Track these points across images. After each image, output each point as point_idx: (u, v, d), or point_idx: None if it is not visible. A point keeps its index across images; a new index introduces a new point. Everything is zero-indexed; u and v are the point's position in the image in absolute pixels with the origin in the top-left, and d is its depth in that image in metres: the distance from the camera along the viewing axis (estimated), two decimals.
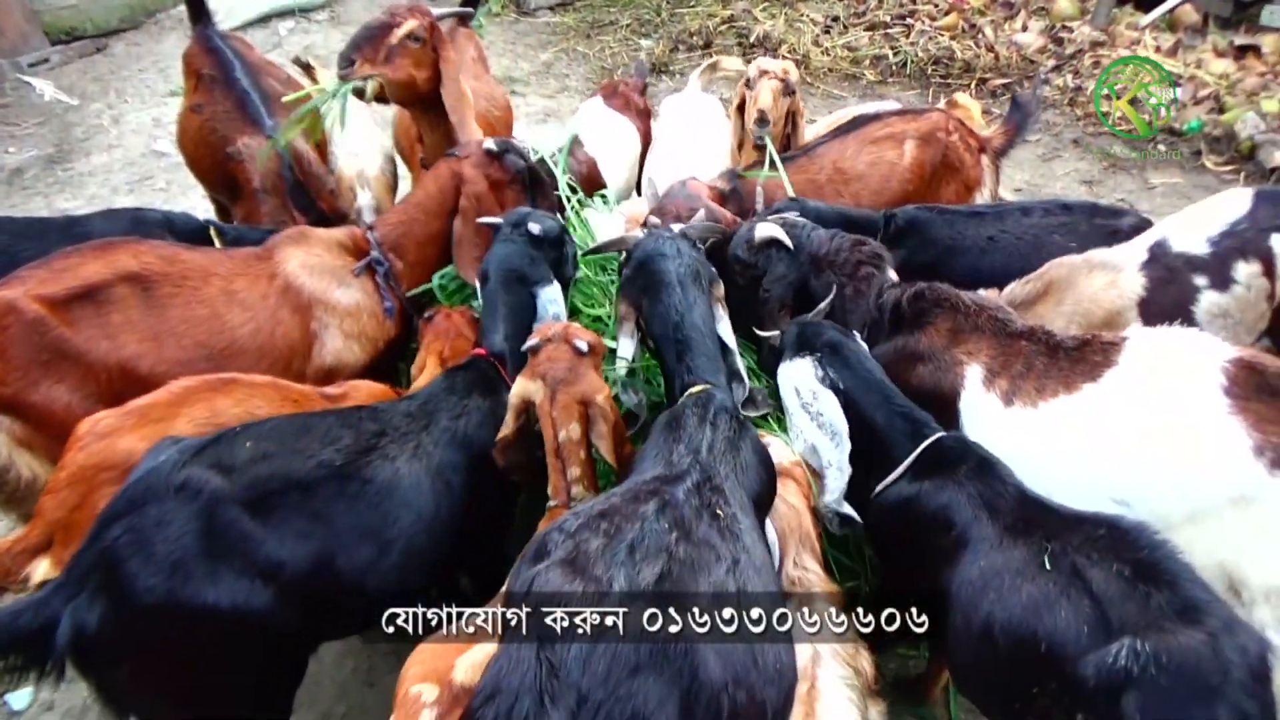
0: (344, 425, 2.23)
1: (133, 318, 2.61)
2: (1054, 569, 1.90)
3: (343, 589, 2.11)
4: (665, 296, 2.52)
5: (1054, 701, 1.80)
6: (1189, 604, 1.74)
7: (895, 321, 2.75)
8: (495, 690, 1.44)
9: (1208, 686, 1.62)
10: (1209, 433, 2.14)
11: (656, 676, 1.44)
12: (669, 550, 1.60)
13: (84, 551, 1.88)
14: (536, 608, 1.49)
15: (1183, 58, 7.30)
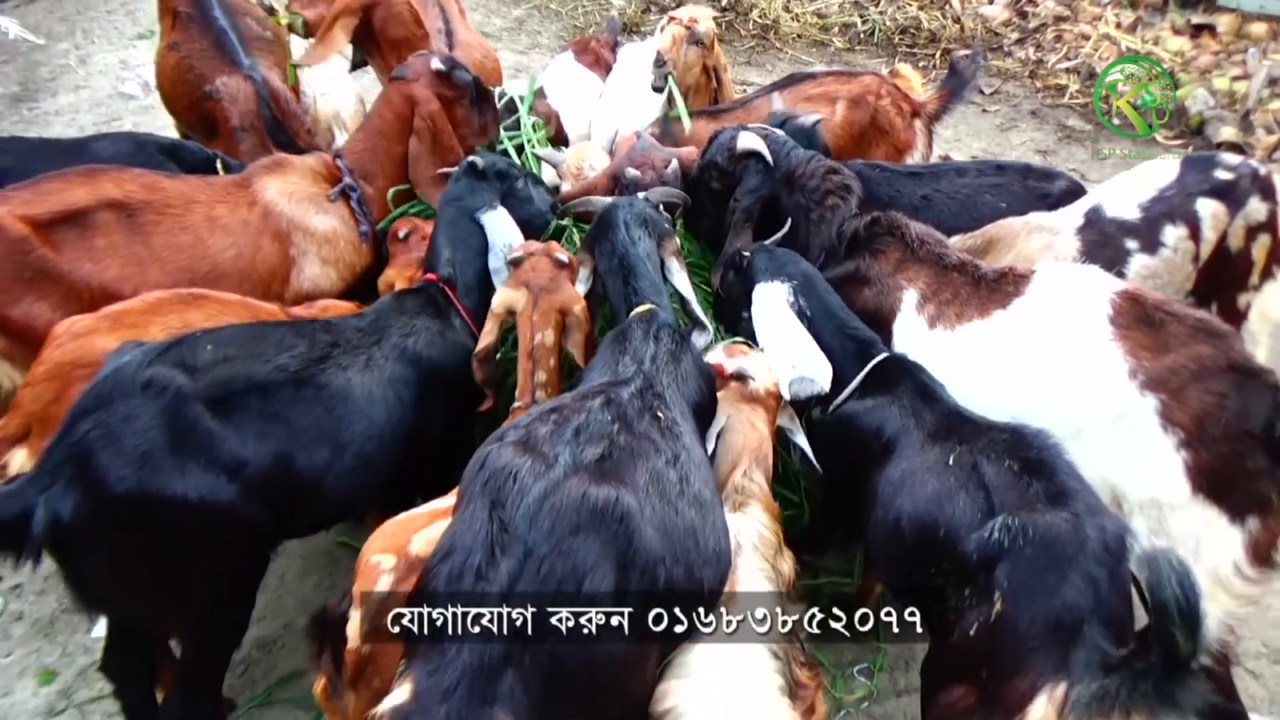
0: (298, 335, 2.36)
1: (116, 242, 2.71)
2: (958, 467, 2.13)
3: (303, 488, 2.24)
4: (612, 235, 2.71)
5: (947, 579, 2.03)
6: (1060, 491, 1.98)
7: (851, 246, 2.94)
8: (451, 547, 1.61)
9: (1065, 557, 1.85)
10: (1093, 357, 2.34)
11: (594, 537, 1.60)
12: (610, 437, 1.77)
13: (56, 445, 1.99)
14: (489, 477, 1.63)
15: (1141, 34, 7.49)
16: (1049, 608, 1.84)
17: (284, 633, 3.06)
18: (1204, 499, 2.21)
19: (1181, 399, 2.23)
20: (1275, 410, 2.18)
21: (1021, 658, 1.83)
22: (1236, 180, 3.08)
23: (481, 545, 1.57)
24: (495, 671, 1.49)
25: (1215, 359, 2.25)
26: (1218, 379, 2.23)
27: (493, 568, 1.55)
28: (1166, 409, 2.23)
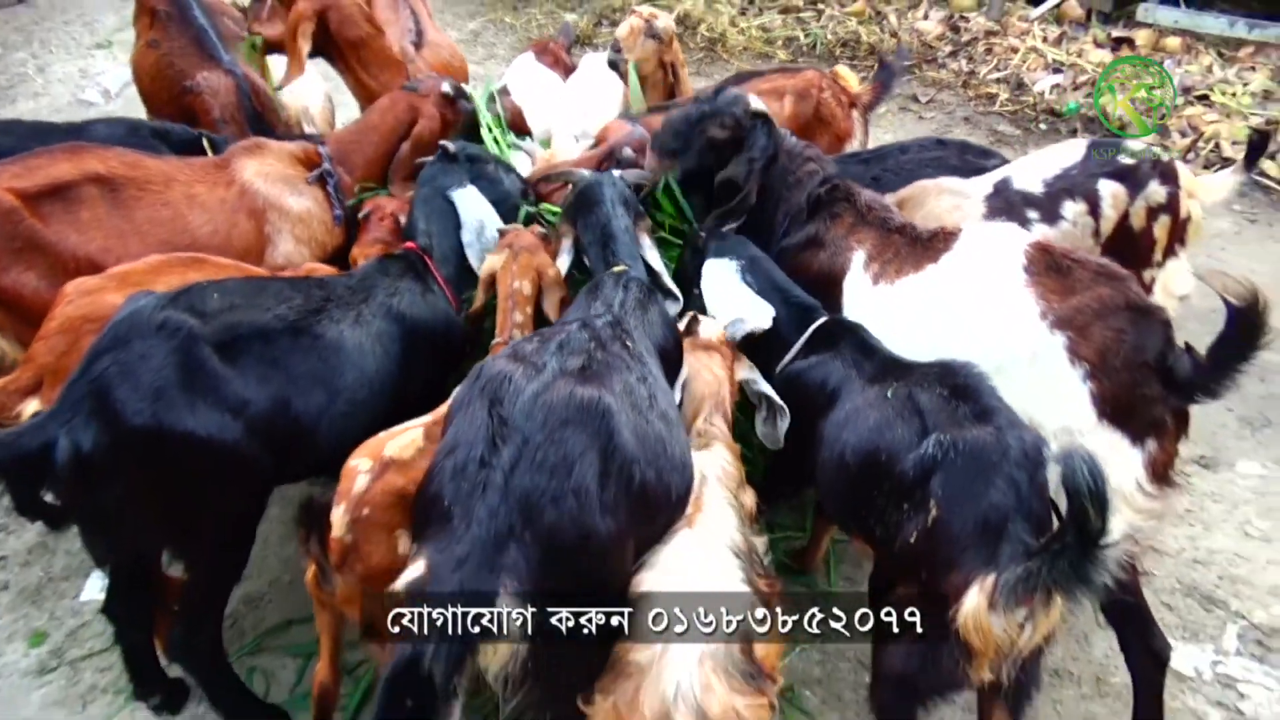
0: (294, 289, 2.55)
1: (100, 215, 2.86)
2: (895, 398, 2.38)
3: (299, 429, 2.41)
4: (597, 210, 2.96)
5: (888, 499, 2.26)
6: (984, 409, 2.24)
7: (812, 210, 3.18)
8: (455, 442, 1.82)
9: (990, 464, 2.09)
10: (1009, 300, 2.60)
11: (581, 429, 1.83)
12: (589, 352, 2.01)
13: (76, 381, 2.14)
14: (486, 382, 1.85)
15: (1066, 47, 7.95)
16: (978, 510, 2.07)
17: (269, 589, 3.20)
18: (1108, 424, 2.44)
19: (1086, 335, 2.49)
20: (1167, 343, 2.45)
21: (955, 555, 2.06)
22: (1138, 164, 3.41)
23: (483, 438, 1.79)
24: (500, 544, 1.70)
25: (1114, 298, 2.51)
26: (1117, 316, 2.49)
27: (495, 455, 1.76)
28: (1073, 344, 2.49)
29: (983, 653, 2.00)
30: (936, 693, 2.27)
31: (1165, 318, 2.51)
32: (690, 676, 1.86)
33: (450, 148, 3.25)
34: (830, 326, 2.83)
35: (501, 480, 1.73)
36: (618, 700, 1.89)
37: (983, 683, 2.15)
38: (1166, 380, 2.43)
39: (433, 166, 3.22)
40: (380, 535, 2.09)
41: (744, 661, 1.93)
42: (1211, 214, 5.91)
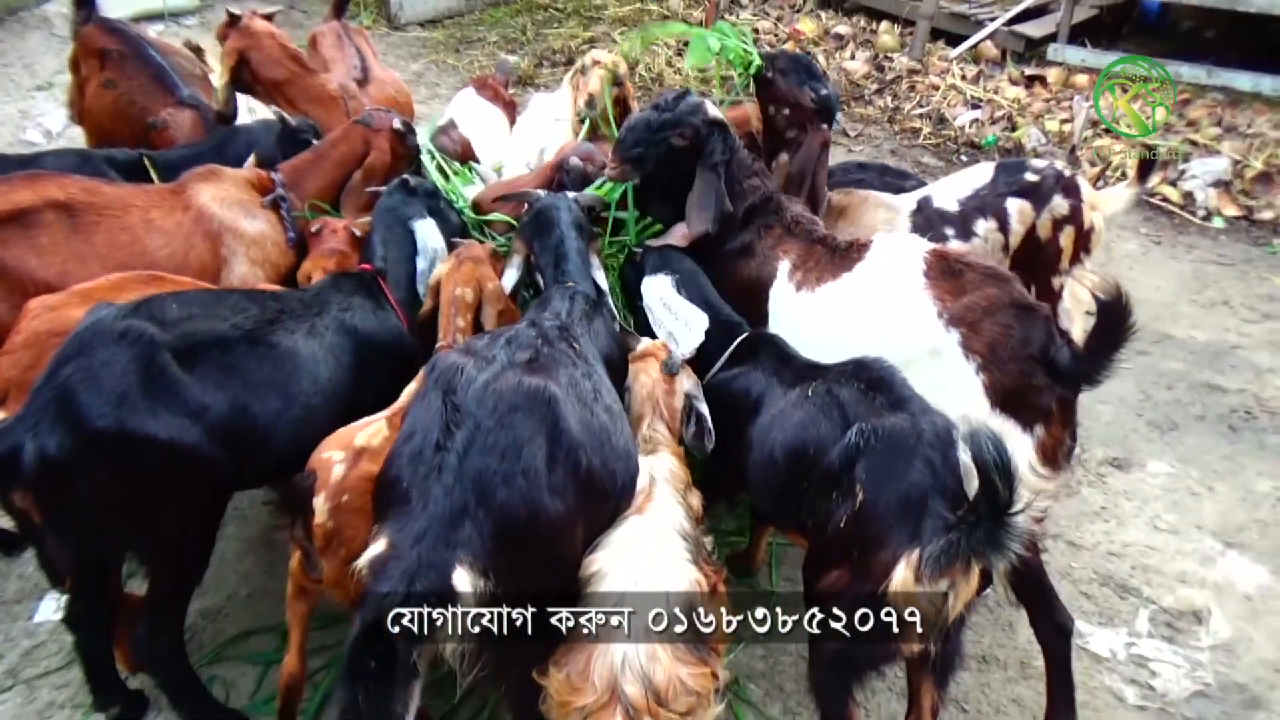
0: (250, 300, 2.67)
1: (59, 240, 2.95)
2: (815, 396, 2.57)
3: (256, 433, 2.51)
4: (552, 231, 3.08)
5: (818, 489, 2.43)
6: (898, 399, 2.44)
7: (745, 218, 3.34)
8: (412, 429, 1.98)
9: (907, 447, 2.28)
10: (911, 302, 2.82)
11: (529, 415, 1.98)
12: (536, 347, 2.17)
13: (41, 388, 2.24)
14: (440, 374, 2.00)
15: (983, 85, 8.41)
16: (899, 490, 2.25)
17: (226, 603, 3.27)
18: (1000, 413, 2.63)
19: (977, 331, 2.68)
20: (1049, 337, 2.67)
21: (882, 534, 2.23)
22: (1041, 181, 3.72)
23: (438, 424, 1.94)
24: (456, 521, 1.83)
25: (1001, 297, 2.71)
26: (1003, 313, 2.68)
27: (449, 439, 1.91)
28: (966, 340, 2.69)
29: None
30: (870, 666, 2.44)
31: (1047, 313, 2.74)
32: (637, 647, 2.00)
33: (410, 182, 3.43)
34: (752, 340, 3.02)
35: (456, 462, 1.87)
36: (570, 671, 2.02)
37: (912, 653, 2.33)
38: (1051, 371, 2.63)
39: (393, 196, 3.37)
40: (359, 519, 2.22)
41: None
42: (1119, 238, 6.36)
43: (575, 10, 9.93)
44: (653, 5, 10.07)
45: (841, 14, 10.04)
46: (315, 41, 5.01)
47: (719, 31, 4.25)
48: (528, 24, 9.53)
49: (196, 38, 8.31)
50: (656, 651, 2.02)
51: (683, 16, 9.82)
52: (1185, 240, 6.44)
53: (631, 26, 9.54)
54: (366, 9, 9.35)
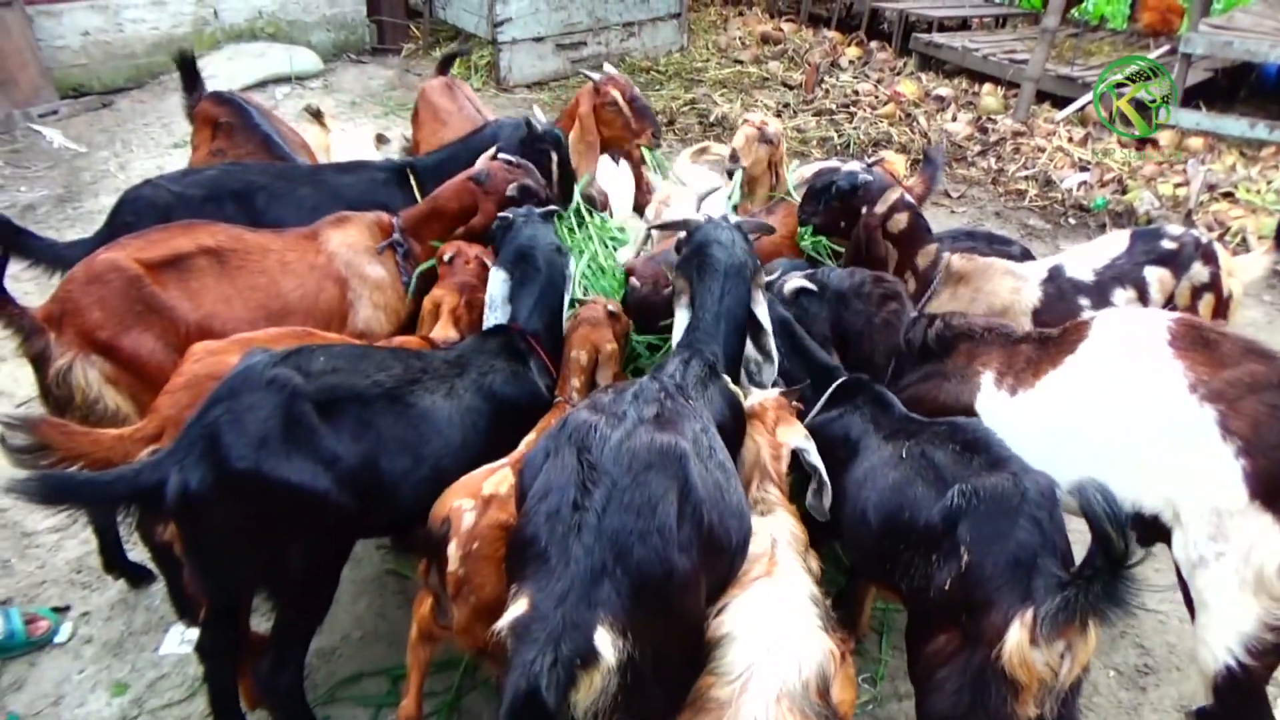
0: (395, 359, 2.74)
1: (209, 284, 3.13)
2: (910, 457, 2.52)
3: (383, 488, 2.58)
4: (708, 280, 2.83)
5: (915, 551, 2.37)
6: (996, 459, 2.38)
7: (924, 352, 3.19)
8: (547, 488, 1.99)
9: (1012, 507, 2.22)
10: (1155, 376, 2.61)
11: (662, 473, 1.99)
12: (660, 401, 2.19)
13: (192, 425, 2.36)
14: (573, 432, 2.05)
15: (1091, 147, 8.27)
16: (1007, 550, 2.18)
17: (341, 644, 3.34)
18: (1260, 505, 2.39)
19: (1238, 410, 2.43)
20: None
21: (992, 595, 2.16)
22: (1181, 248, 3.59)
23: (574, 483, 1.95)
24: (596, 580, 1.84)
25: (1268, 375, 2.46)
26: (1271, 392, 2.43)
27: (587, 498, 1.92)
28: (1225, 419, 2.43)
29: (1027, 687, 2.10)
30: None
31: None
32: (767, 713, 1.97)
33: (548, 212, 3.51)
34: (849, 385, 2.99)
35: (595, 521, 1.89)
36: None
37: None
38: None
39: (539, 228, 3.35)
40: (490, 567, 2.27)
41: (820, 704, 2.04)
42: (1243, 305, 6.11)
43: (676, 73, 10.15)
44: (752, 69, 10.24)
45: (942, 76, 10.04)
46: (425, 94, 5.28)
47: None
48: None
49: (319, 99, 8.84)
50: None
51: (782, 79, 9.95)
52: None
53: (732, 89, 9.70)
54: (477, 72, 9.73)
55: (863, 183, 3.85)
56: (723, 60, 10.60)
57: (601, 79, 4.78)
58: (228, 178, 3.78)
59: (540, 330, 3.13)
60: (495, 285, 3.22)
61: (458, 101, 5.15)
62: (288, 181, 3.86)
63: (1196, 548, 2.50)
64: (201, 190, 3.67)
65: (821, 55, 10.44)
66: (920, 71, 10.18)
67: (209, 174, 3.80)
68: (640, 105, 4.75)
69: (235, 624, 2.70)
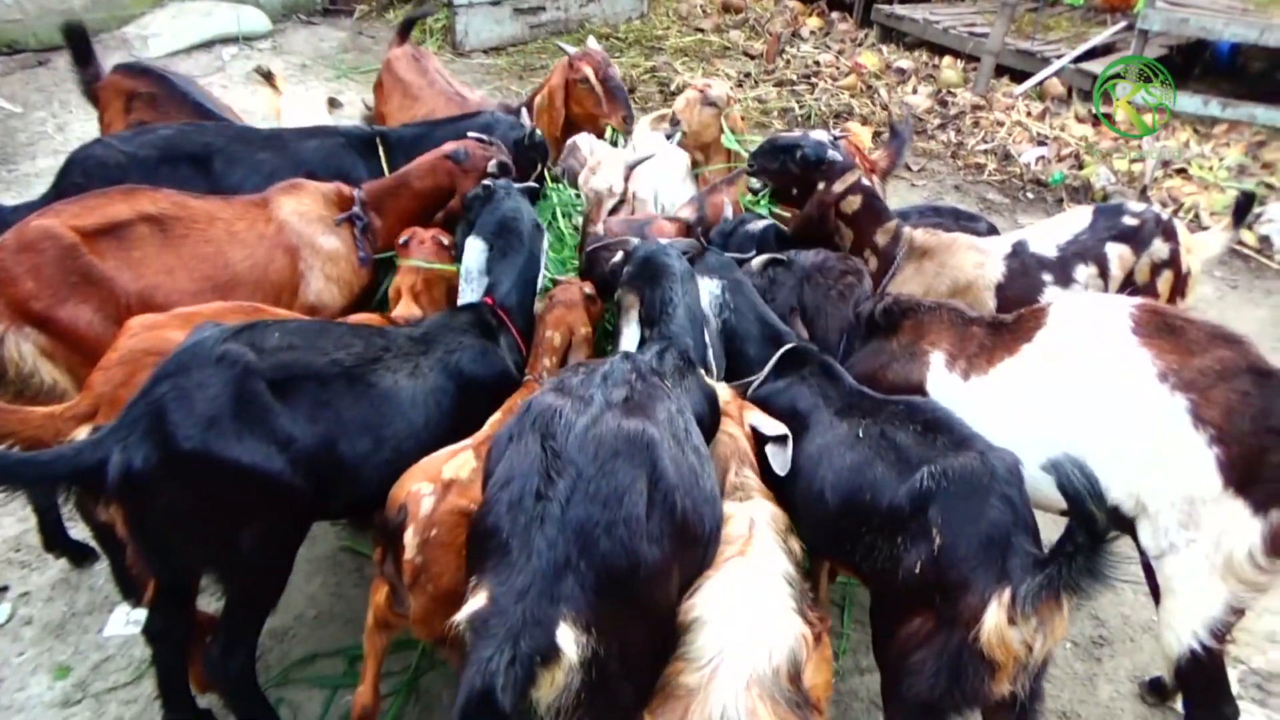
0: (356, 336, 2.63)
1: (150, 253, 2.98)
2: (867, 437, 2.48)
3: (342, 471, 2.48)
4: (666, 283, 2.92)
5: (879, 534, 2.34)
6: (961, 439, 2.35)
7: (870, 328, 3.16)
8: (510, 475, 1.90)
9: (982, 486, 2.19)
10: (1122, 365, 2.58)
11: (629, 461, 1.92)
12: (631, 383, 2.11)
13: (136, 402, 2.24)
14: (537, 416, 1.96)
15: (1049, 122, 8.31)
16: (979, 530, 2.16)
17: (295, 624, 3.25)
18: (1234, 492, 2.38)
19: (1209, 398, 2.40)
20: None
21: (967, 576, 2.14)
22: (1141, 225, 3.59)
23: (538, 471, 1.87)
24: (558, 575, 1.77)
25: (1236, 361, 2.44)
26: (1240, 379, 2.40)
27: (551, 487, 1.84)
28: (1197, 408, 2.40)
29: (1004, 665, 2.09)
30: (957, 712, 2.34)
31: None
32: (737, 701, 1.92)
33: (522, 187, 3.42)
34: (797, 352, 2.94)
35: (559, 512, 1.81)
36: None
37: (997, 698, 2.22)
38: None
39: (519, 203, 3.27)
40: (448, 555, 2.19)
41: (791, 690, 1.99)
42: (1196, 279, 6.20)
43: (636, 40, 9.99)
44: (714, 38, 10.12)
45: (903, 48, 10.01)
46: (390, 65, 5.06)
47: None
48: None
49: (268, 61, 8.56)
50: (756, 706, 1.93)
51: (744, 49, 9.85)
52: (1262, 285, 6.27)
53: (693, 57, 9.58)
54: (432, 36, 9.49)
55: (829, 159, 3.80)
56: (684, 28, 10.46)
57: (577, 53, 4.59)
58: (183, 139, 3.62)
59: (514, 306, 3.04)
60: (473, 256, 3.12)
61: (428, 75, 4.95)
62: (246, 145, 3.70)
63: (1167, 535, 2.50)
64: (156, 151, 3.50)
65: (783, 25, 10.36)
66: (881, 43, 10.14)
67: (164, 134, 3.63)
68: (614, 86, 4.56)
69: (183, 605, 2.61)
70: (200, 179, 3.51)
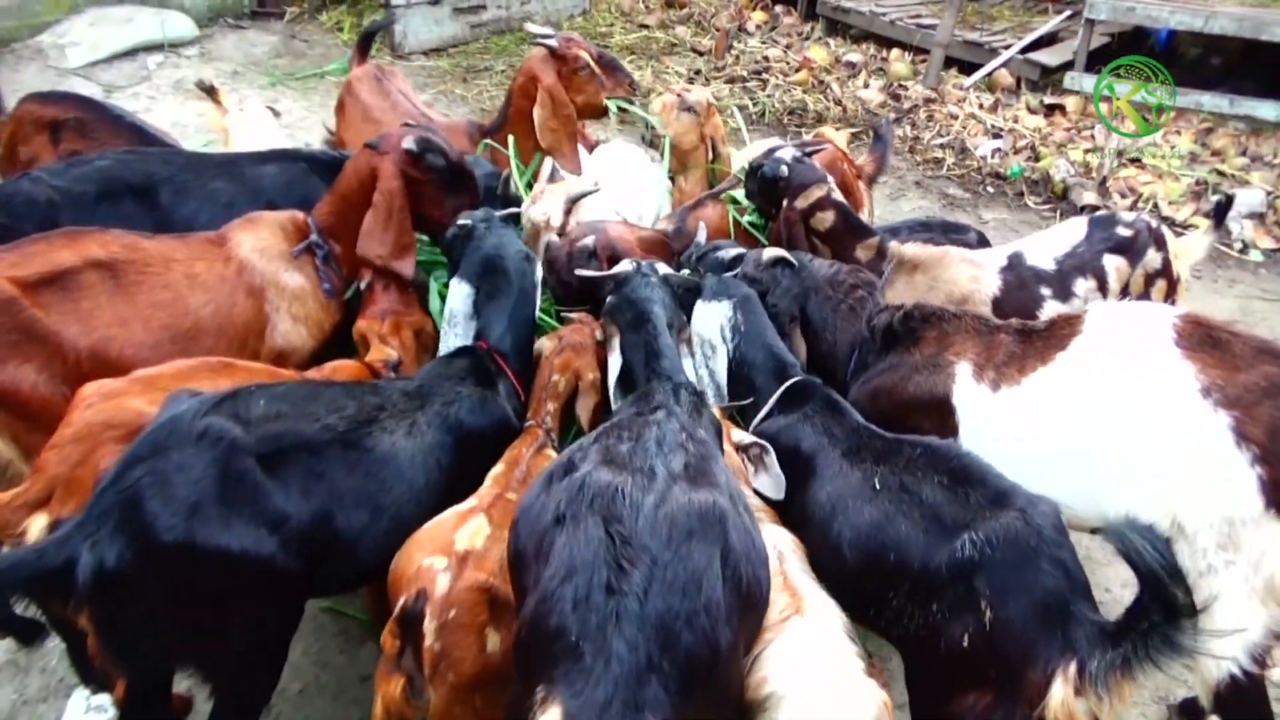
0: (348, 396, 2.39)
1: (101, 303, 2.68)
2: (886, 489, 2.29)
3: (339, 547, 2.25)
4: (642, 325, 2.80)
5: (909, 600, 2.15)
6: (996, 494, 2.17)
7: (887, 340, 2.99)
8: (570, 567, 1.65)
9: (1030, 549, 2.02)
10: (1163, 378, 2.45)
11: (704, 539, 1.71)
12: (685, 447, 1.89)
13: (105, 490, 1.97)
14: (594, 497, 1.72)
15: (1002, 113, 8.29)
16: (1034, 599, 1.99)
17: (278, 700, 2.94)
18: (1276, 513, 2.29)
19: (1254, 416, 2.30)
20: None
21: (1027, 650, 1.96)
22: (1136, 235, 3.51)
23: (606, 561, 1.63)
24: (641, 680, 1.55)
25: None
26: None
27: (624, 579, 1.61)
28: (1240, 425, 2.30)
29: None
30: None
31: None
32: None
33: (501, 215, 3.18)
34: (800, 387, 2.78)
35: (637, 607, 1.59)
36: None
37: None
38: None
39: (508, 236, 3.05)
40: (469, 637, 1.97)
41: None
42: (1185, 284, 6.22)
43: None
44: (659, 34, 9.91)
45: (850, 41, 9.93)
46: (352, 87, 4.67)
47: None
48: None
49: (196, 69, 8.12)
50: None
51: (691, 45, 9.67)
52: (1225, 274, 6.30)
53: (639, 55, 9.37)
54: None
55: (781, 175, 3.67)
56: (627, 25, 10.22)
57: (560, 42, 4.26)
58: (124, 169, 3.27)
59: (510, 350, 2.82)
60: (457, 300, 2.89)
61: (391, 97, 4.59)
62: (196, 173, 3.37)
63: (1205, 557, 2.38)
64: (93, 185, 3.16)
65: (728, 19, 10.20)
66: (828, 36, 10.04)
67: (100, 165, 3.26)
68: (609, 59, 4.26)
69: (160, 701, 2.33)
70: (146, 214, 3.19)
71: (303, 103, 7.73)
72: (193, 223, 3.21)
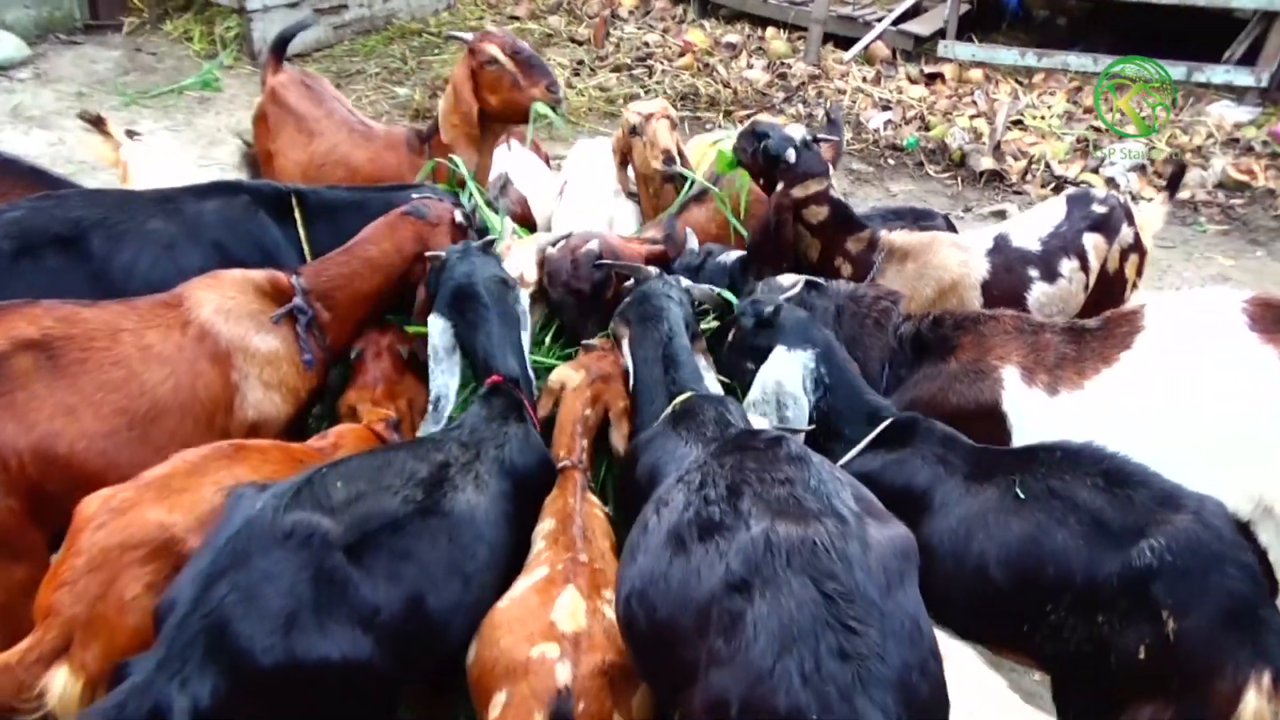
0: (415, 458, 2.14)
1: (39, 391, 2.26)
2: (1034, 499, 2.17)
3: (433, 630, 2.00)
4: (656, 326, 2.69)
5: (1070, 612, 2.06)
6: (1163, 495, 2.08)
7: (918, 350, 2.88)
8: (784, 638, 1.44)
9: (1212, 554, 1.96)
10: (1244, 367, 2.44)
11: (909, 578, 1.59)
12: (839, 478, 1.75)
13: (186, 618, 1.67)
14: (789, 555, 1.51)
15: (885, 85, 8.43)
16: (1220, 605, 1.92)
17: None
18: None
19: None
20: None
21: (1213, 659, 1.90)
22: (1111, 212, 3.54)
23: (830, 624, 1.44)
24: None
25: None
26: None
27: (859, 640, 1.43)
28: None
29: None
30: None
31: None
32: None
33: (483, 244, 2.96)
34: (902, 423, 2.58)
35: (881, 668, 1.42)
36: None
37: None
38: None
39: (481, 261, 2.84)
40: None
41: None
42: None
43: None
44: (532, 25, 9.60)
45: (724, 22, 9.88)
46: (277, 95, 4.20)
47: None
48: (405, 52, 8.86)
49: (34, 93, 7.30)
50: None
51: (568, 35, 9.41)
52: None
53: None
54: (226, 46, 8.43)
55: (786, 159, 3.52)
56: (497, 17, 9.85)
57: (475, 37, 3.98)
58: (41, 217, 2.79)
59: (520, 377, 2.61)
60: (435, 334, 2.64)
61: (325, 104, 4.17)
62: (129, 213, 2.91)
63: None
64: (9, 241, 2.69)
65: (601, 6, 9.98)
66: (701, 18, 9.96)
67: (12, 216, 2.77)
68: (526, 56, 3.93)
69: None
70: (77, 266, 2.75)
71: (165, 122, 7.08)
72: (132, 270, 2.80)
